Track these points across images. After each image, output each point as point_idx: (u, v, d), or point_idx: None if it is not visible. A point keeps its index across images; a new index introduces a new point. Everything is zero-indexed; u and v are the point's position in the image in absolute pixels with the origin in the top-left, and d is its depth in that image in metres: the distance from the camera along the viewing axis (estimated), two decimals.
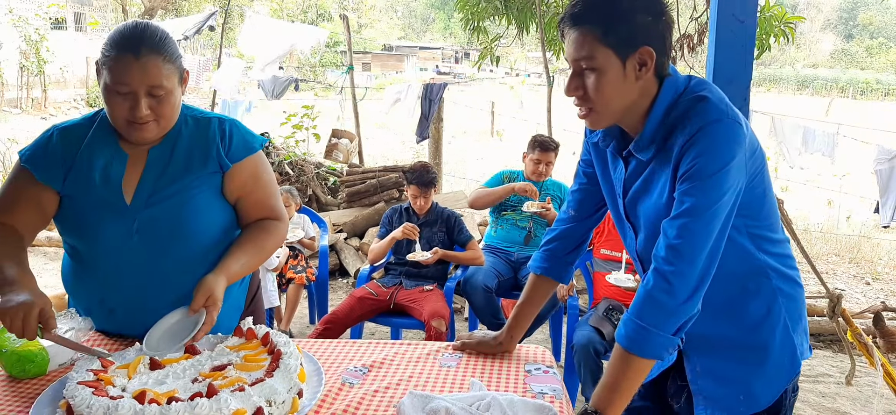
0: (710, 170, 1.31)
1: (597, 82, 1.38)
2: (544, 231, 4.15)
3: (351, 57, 8.02)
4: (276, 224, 1.82)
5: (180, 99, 1.69)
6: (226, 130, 1.74)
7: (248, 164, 1.76)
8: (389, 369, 1.66)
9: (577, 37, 1.38)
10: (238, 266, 1.68)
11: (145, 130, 1.62)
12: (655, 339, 1.35)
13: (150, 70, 1.56)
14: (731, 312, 1.49)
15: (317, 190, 6.88)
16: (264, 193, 1.80)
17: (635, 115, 1.44)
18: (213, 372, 1.47)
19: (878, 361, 1.83)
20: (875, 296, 6.94)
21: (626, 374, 1.38)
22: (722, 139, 1.32)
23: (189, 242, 1.68)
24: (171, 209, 1.65)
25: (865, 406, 3.89)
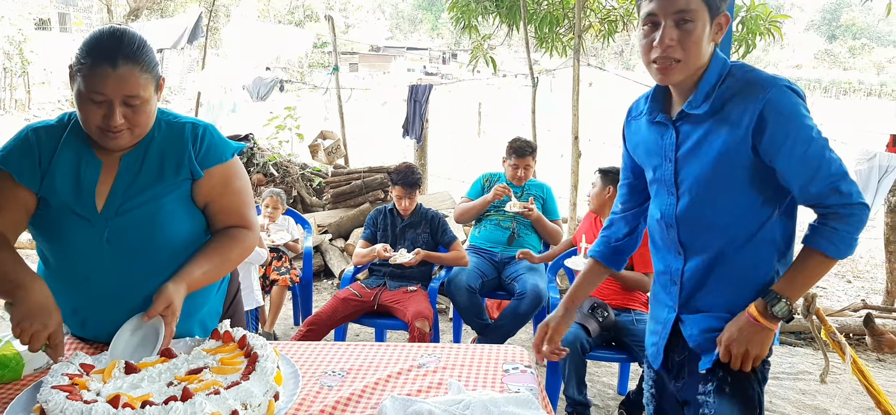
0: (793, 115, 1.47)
1: (692, 35, 1.52)
2: (528, 231, 4.19)
3: (337, 58, 8.00)
4: (244, 233, 1.78)
5: (156, 106, 1.66)
6: (198, 135, 1.70)
7: (219, 170, 1.72)
8: (367, 371, 1.66)
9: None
10: (200, 273, 1.66)
11: (119, 138, 1.59)
12: (852, 243, 1.51)
13: (126, 80, 1.53)
14: (740, 288, 1.61)
15: (302, 191, 6.86)
16: (235, 201, 1.77)
17: (694, 76, 1.58)
18: (188, 375, 1.47)
19: (848, 357, 1.85)
20: (856, 294, 7.02)
21: (817, 272, 1.56)
22: (788, 96, 1.49)
23: (160, 250, 1.66)
24: (141, 218, 1.63)
25: (845, 403, 3.93)
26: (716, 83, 1.56)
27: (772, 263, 1.61)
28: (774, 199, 1.58)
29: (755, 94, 1.50)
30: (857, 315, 5.45)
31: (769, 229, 1.59)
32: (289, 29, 8.35)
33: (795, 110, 1.48)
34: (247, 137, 7.29)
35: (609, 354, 3.35)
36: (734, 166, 1.54)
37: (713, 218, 1.60)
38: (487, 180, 4.35)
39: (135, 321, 1.59)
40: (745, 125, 1.50)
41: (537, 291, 3.68)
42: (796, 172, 1.48)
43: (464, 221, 4.39)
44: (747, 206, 1.57)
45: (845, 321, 5.27)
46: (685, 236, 1.66)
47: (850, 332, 5.25)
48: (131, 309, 1.61)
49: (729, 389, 1.63)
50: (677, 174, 1.64)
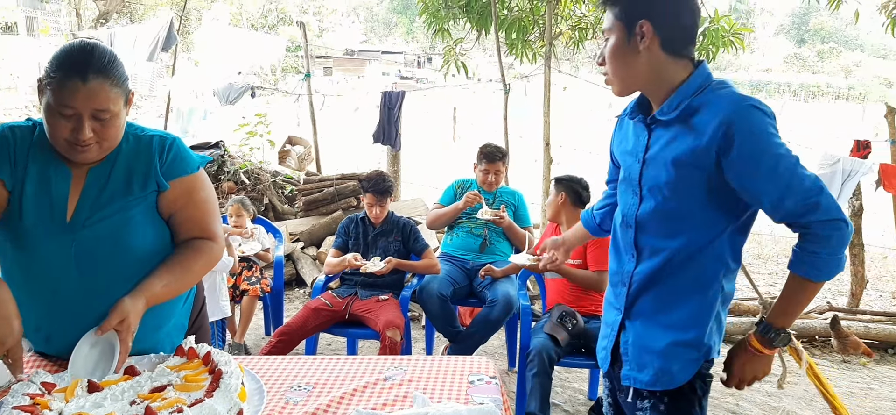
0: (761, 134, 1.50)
1: (609, 50, 1.64)
2: (499, 238, 4.22)
3: (309, 64, 7.98)
4: (208, 244, 1.77)
5: (124, 120, 1.66)
6: (166, 147, 1.71)
7: (184, 182, 1.73)
8: (333, 385, 1.67)
9: (606, 12, 1.65)
10: (160, 287, 1.65)
11: (87, 151, 1.59)
12: (837, 263, 1.51)
13: (96, 94, 1.53)
14: (682, 299, 1.65)
15: (273, 199, 6.82)
16: (198, 212, 1.77)
17: (662, 88, 1.63)
18: (152, 393, 1.47)
19: (804, 362, 1.91)
20: (822, 296, 7.16)
21: (807, 297, 1.58)
22: (757, 115, 1.51)
23: (127, 262, 1.66)
24: (109, 231, 1.63)
25: (809, 405, 4.01)
26: (691, 94, 1.59)
27: (717, 278, 1.63)
28: (730, 215, 1.60)
29: (722, 109, 1.52)
30: (823, 318, 5.56)
31: (719, 244, 1.61)
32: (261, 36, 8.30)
33: (762, 128, 1.50)
34: (217, 144, 7.23)
35: (579, 360, 3.39)
36: (693, 175, 1.57)
37: (668, 224, 1.63)
38: (460, 187, 4.37)
39: (92, 336, 1.57)
40: (708, 136, 1.52)
41: (508, 298, 3.71)
42: (766, 189, 1.49)
43: (436, 227, 4.41)
44: (701, 217, 1.60)
45: (811, 324, 5.37)
46: (641, 239, 1.69)
47: (816, 334, 5.35)
48: (97, 324, 1.60)
49: (664, 407, 1.67)
50: (642, 175, 1.68)
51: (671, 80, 1.61)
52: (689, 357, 1.65)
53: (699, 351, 1.65)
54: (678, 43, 1.60)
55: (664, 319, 1.66)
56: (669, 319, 1.66)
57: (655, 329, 1.68)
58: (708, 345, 1.66)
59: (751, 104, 1.51)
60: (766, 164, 1.48)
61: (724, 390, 4.12)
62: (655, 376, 1.67)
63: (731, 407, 3.91)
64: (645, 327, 1.70)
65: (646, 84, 1.65)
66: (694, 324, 1.64)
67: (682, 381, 1.65)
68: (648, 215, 1.66)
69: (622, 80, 1.65)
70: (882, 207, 6.61)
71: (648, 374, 1.68)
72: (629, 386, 1.73)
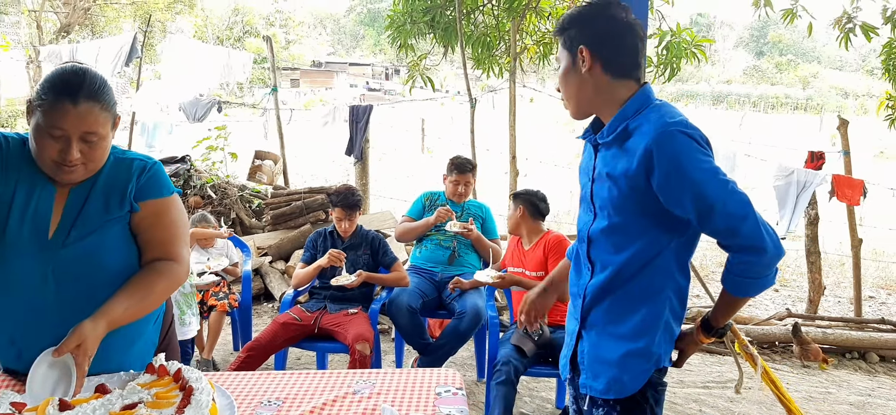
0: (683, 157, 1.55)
1: (559, 75, 1.76)
2: (468, 251, 4.27)
3: (275, 78, 7.96)
4: (171, 266, 1.77)
5: (110, 143, 1.70)
6: (144, 170, 1.74)
7: (155, 203, 1.75)
8: (303, 400, 1.70)
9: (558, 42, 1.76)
10: (122, 310, 1.64)
11: (73, 172, 1.62)
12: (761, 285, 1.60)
13: (86, 117, 1.57)
14: (632, 310, 1.72)
15: (240, 213, 6.79)
16: (164, 234, 1.78)
17: (608, 110, 1.72)
18: (123, 411, 1.48)
19: (759, 367, 1.99)
20: (783, 302, 7.35)
21: (736, 306, 1.70)
22: (680, 139, 1.57)
23: (103, 282, 1.67)
24: (86, 250, 1.65)
25: (769, 410, 4.13)
26: (629, 116, 1.66)
27: (664, 290, 1.70)
28: (672, 230, 1.67)
29: (647, 133, 1.59)
30: (783, 324, 5.72)
31: (665, 257, 1.68)
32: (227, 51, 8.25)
33: (685, 151, 1.55)
34: (184, 158, 7.17)
35: (546, 369, 3.45)
36: (630, 195, 1.64)
37: (615, 239, 1.70)
38: (429, 199, 4.41)
39: (49, 357, 1.56)
40: (636, 160, 1.60)
41: (477, 309, 3.75)
42: (690, 209, 1.56)
43: (405, 241, 4.45)
44: (644, 232, 1.67)
45: (771, 330, 5.52)
46: (593, 253, 1.77)
47: (776, 340, 5.50)
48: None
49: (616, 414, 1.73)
50: (592, 192, 1.77)
51: (618, 101, 1.70)
52: (640, 367, 1.71)
53: (649, 361, 1.71)
54: (620, 66, 1.69)
55: (615, 329, 1.73)
56: (620, 329, 1.72)
57: (608, 339, 1.74)
58: (657, 354, 1.72)
59: (675, 129, 1.57)
60: (687, 186, 1.54)
61: (687, 397, 4.22)
62: (608, 384, 1.73)
63: (694, 412, 4.00)
64: (599, 337, 1.77)
65: (595, 106, 1.74)
66: (643, 334, 1.70)
67: (634, 390, 1.71)
68: (599, 231, 1.73)
69: (573, 103, 1.76)
70: (838, 216, 6.83)
71: (602, 382, 1.74)
72: (586, 394, 1.79)
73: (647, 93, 1.70)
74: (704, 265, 8.74)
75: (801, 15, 6.44)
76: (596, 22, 1.69)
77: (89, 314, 1.60)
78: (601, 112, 1.75)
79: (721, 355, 5.18)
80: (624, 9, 1.70)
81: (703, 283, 4.11)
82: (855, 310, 6.24)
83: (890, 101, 6.47)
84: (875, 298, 7.97)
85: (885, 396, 4.66)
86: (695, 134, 1.59)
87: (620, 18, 1.69)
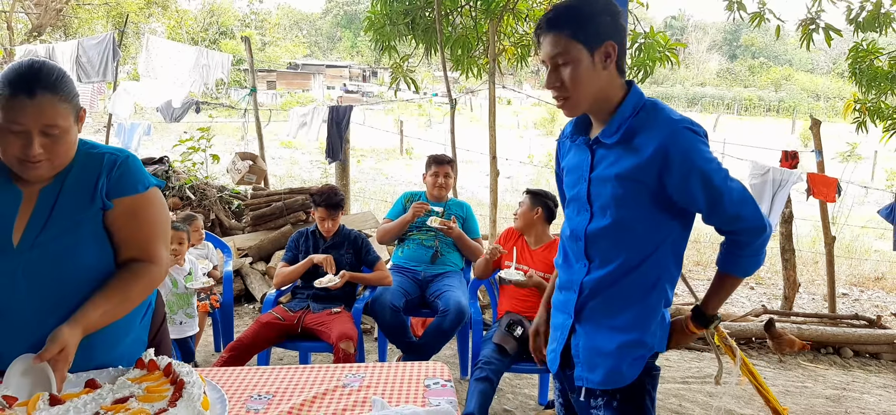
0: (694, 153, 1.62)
1: (572, 73, 1.66)
2: (450, 249, 4.29)
3: (254, 79, 7.92)
4: (148, 268, 1.72)
5: (76, 137, 1.65)
6: (115, 164, 1.69)
7: (129, 201, 1.70)
8: (293, 393, 1.70)
9: (551, 38, 1.67)
10: (97, 315, 1.61)
11: (38, 168, 1.58)
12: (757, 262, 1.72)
13: (44, 110, 1.53)
14: (629, 303, 1.76)
15: (220, 214, 6.74)
16: (141, 233, 1.73)
17: (605, 108, 1.72)
18: (114, 405, 1.47)
19: (738, 359, 2.03)
20: (758, 300, 7.48)
21: (731, 289, 1.78)
22: (689, 136, 1.64)
23: (76, 283, 1.64)
24: (57, 251, 1.61)
25: (748, 403, 4.19)
26: (629, 116, 1.70)
27: (660, 282, 1.75)
28: (674, 220, 1.73)
29: (659, 132, 1.64)
30: (759, 320, 5.81)
31: (663, 250, 1.74)
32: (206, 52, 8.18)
33: (695, 148, 1.63)
34: (162, 159, 7.11)
35: (528, 366, 3.47)
36: (638, 189, 1.68)
37: (618, 236, 1.73)
38: (409, 199, 4.42)
39: (25, 362, 1.53)
40: (648, 156, 1.65)
41: (460, 307, 3.77)
42: (700, 200, 1.65)
43: (386, 241, 4.45)
44: (648, 226, 1.71)
45: (748, 326, 5.61)
46: (592, 250, 1.79)
47: (753, 336, 5.59)
48: (44, 343, 1.58)
49: (617, 404, 1.76)
50: (590, 193, 1.78)
51: (613, 98, 1.72)
52: (636, 355, 1.75)
53: (645, 349, 1.76)
54: (624, 63, 1.73)
55: (613, 322, 1.76)
56: (618, 322, 1.75)
57: (605, 332, 1.77)
58: (652, 342, 1.76)
59: (684, 127, 1.65)
60: (698, 180, 1.62)
61: (667, 392, 4.27)
62: (606, 375, 1.76)
63: (674, 407, 4.06)
64: (595, 330, 1.79)
65: (597, 103, 1.73)
66: (640, 326, 1.74)
67: (632, 378, 1.75)
68: (599, 230, 1.76)
69: (577, 100, 1.71)
70: (812, 214, 6.97)
71: (600, 374, 1.76)
72: (582, 386, 1.81)
73: (639, 91, 1.73)
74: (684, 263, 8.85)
75: (769, 18, 6.56)
76: (616, 20, 1.69)
77: (63, 316, 1.58)
78: (597, 110, 1.75)
79: (700, 350, 5.26)
80: None
81: (685, 280, 4.16)
82: (829, 306, 6.36)
83: (857, 104, 6.61)
84: (849, 294, 8.13)
85: (859, 389, 4.76)
86: (699, 130, 1.67)
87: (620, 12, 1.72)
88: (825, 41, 6.19)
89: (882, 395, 4.70)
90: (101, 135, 8.68)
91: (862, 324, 5.91)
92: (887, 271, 9.04)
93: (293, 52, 45.81)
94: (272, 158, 13.17)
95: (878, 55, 6.36)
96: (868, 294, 8.25)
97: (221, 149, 7.99)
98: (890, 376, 5.17)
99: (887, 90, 6.34)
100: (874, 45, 6.40)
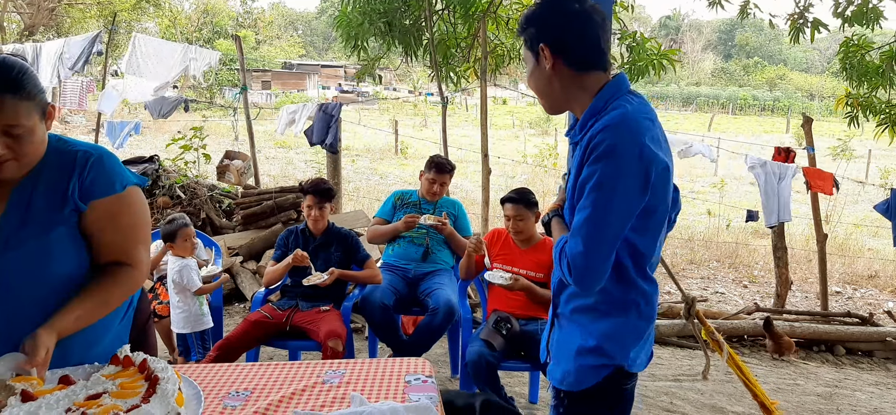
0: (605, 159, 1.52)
1: (527, 76, 1.74)
2: (441, 247, 4.26)
3: (245, 77, 7.88)
4: (128, 272, 1.69)
5: (44, 135, 1.60)
6: (87, 165, 1.63)
7: (106, 203, 1.64)
8: (272, 390, 1.68)
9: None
10: (72, 320, 1.57)
11: (4, 168, 1.53)
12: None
13: (4, 109, 1.47)
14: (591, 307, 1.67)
15: (210, 213, 6.70)
16: (119, 236, 1.68)
17: (579, 105, 1.67)
18: (87, 401, 1.45)
19: (726, 353, 2.01)
20: (751, 298, 7.48)
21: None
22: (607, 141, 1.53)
23: (50, 286, 1.59)
24: (29, 254, 1.57)
25: (739, 401, 4.18)
26: (600, 110, 1.60)
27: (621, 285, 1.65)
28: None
29: (590, 129, 1.58)
30: (752, 318, 5.81)
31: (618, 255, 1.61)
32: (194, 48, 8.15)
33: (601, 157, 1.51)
34: (152, 158, 7.07)
35: (517, 364, 3.45)
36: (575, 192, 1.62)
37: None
38: (399, 199, 4.40)
39: (9, 361, 1.49)
40: (578, 156, 1.61)
41: (450, 305, 3.75)
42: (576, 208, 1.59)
43: (376, 243, 4.43)
44: None
45: (740, 324, 5.61)
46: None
47: (745, 334, 5.59)
48: (17, 346, 1.53)
49: (563, 409, 1.74)
50: (572, 191, 1.73)
51: (589, 93, 1.64)
52: (592, 363, 1.66)
53: (604, 358, 1.65)
54: (582, 58, 1.63)
55: (577, 322, 1.70)
56: (580, 323, 1.68)
57: (570, 331, 1.71)
58: (614, 354, 1.65)
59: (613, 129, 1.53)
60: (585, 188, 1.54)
61: (658, 390, 4.26)
62: (563, 375, 1.71)
63: (665, 405, 4.04)
64: (563, 328, 1.74)
65: (566, 102, 1.69)
66: (600, 331, 1.65)
67: (584, 385, 1.67)
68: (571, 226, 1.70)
69: (545, 101, 1.73)
70: (805, 213, 6.97)
71: (559, 372, 1.72)
72: (549, 380, 1.78)
73: (617, 84, 1.64)
74: (675, 263, 8.86)
75: (754, 13, 6.57)
76: (553, 18, 1.64)
77: (37, 318, 1.54)
78: (573, 107, 1.70)
79: (691, 349, 5.25)
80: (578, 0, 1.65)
81: (674, 279, 4.14)
82: (821, 304, 6.36)
83: (849, 99, 6.60)
84: (841, 292, 8.14)
85: (851, 386, 4.76)
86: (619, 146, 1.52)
87: (576, 10, 1.62)
88: (810, 36, 6.18)
89: (874, 392, 4.70)
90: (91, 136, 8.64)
91: (854, 322, 5.92)
92: (880, 269, 9.06)
93: (288, 52, 45.77)
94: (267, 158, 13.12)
95: (869, 50, 6.36)
96: (861, 292, 8.26)
97: (214, 148, 7.96)
98: (882, 374, 5.17)
99: (878, 85, 6.33)
100: (865, 40, 6.40)
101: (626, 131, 1.52)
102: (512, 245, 3.76)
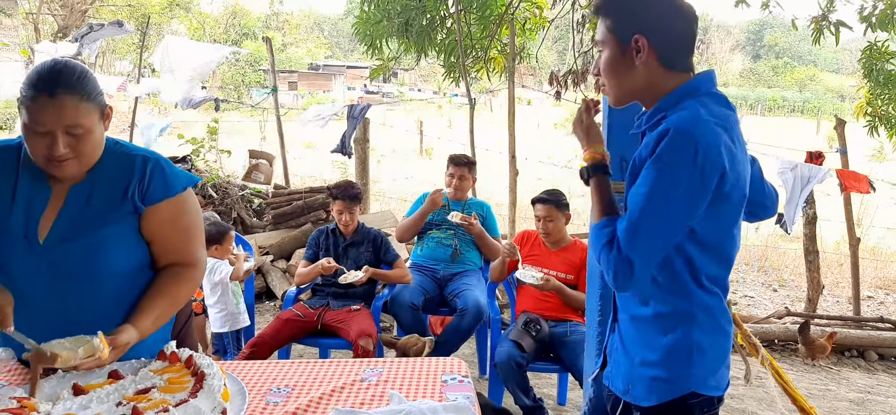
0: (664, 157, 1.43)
1: (604, 61, 1.58)
2: (469, 247, 4.28)
3: (275, 78, 7.98)
4: (189, 271, 1.78)
5: (102, 136, 1.67)
6: (147, 170, 1.71)
7: (166, 207, 1.73)
8: (311, 387, 1.71)
9: (599, 23, 1.58)
10: (151, 321, 1.67)
11: (65, 167, 1.60)
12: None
13: (66, 109, 1.55)
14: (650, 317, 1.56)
15: (241, 212, 6.80)
16: (180, 239, 1.77)
17: (650, 99, 1.56)
18: (136, 396, 1.50)
19: (762, 355, 2.01)
20: (781, 302, 7.39)
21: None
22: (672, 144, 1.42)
23: (101, 279, 1.67)
24: (83, 249, 1.64)
25: (770, 406, 4.15)
26: (670, 107, 1.51)
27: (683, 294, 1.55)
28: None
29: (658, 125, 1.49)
30: (782, 323, 5.75)
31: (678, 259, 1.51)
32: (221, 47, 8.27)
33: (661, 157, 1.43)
34: (185, 158, 7.20)
35: (545, 365, 3.46)
36: None
37: None
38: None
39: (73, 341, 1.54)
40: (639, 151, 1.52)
41: (478, 306, 3.77)
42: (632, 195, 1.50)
43: (405, 238, 4.45)
44: None
45: (771, 328, 5.55)
46: None
47: (776, 339, 5.53)
48: (68, 334, 1.59)
49: None
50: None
51: (665, 91, 1.53)
52: (654, 381, 1.54)
53: (667, 377, 1.53)
54: (675, 56, 1.53)
55: (636, 331, 1.60)
56: (639, 331, 1.59)
57: (631, 339, 1.61)
58: (678, 375, 1.52)
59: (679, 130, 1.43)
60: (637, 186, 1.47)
61: None
62: (625, 387, 1.60)
63: None
64: (623, 334, 1.64)
65: (640, 95, 1.58)
66: (659, 346, 1.53)
67: (647, 403, 1.55)
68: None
69: (618, 92, 1.59)
70: (836, 215, 6.86)
71: (621, 383, 1.62)
72: (607, 385, 1.69)
73: (695, 83, 1.53)
74: None
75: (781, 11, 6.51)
76: (656, 9, 1.52)
77: (87, 310, 1.62)
78: (645, 101, 1.58)
79: None
80: None
81: None
82: (853, 309, 6.27)
83: (869, 107, 6.49)
84: (874, 297, 8.01)
85: (884, 393, 4.69)
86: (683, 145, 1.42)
87: (679, 8, 1.52)
88: (835, 38, 6.09)
89: None
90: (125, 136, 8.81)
91: (887, 327, 5.82)
92: None
93: (314, 53, 46.06)
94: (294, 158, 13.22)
95: (890, 59, 6.24)
96: (893, 297, 8.12)
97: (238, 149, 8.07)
98: None
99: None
100: (886, 47, 6.28)
101: (689, 134, 1.40)
102: (541, 246, 3.76)
